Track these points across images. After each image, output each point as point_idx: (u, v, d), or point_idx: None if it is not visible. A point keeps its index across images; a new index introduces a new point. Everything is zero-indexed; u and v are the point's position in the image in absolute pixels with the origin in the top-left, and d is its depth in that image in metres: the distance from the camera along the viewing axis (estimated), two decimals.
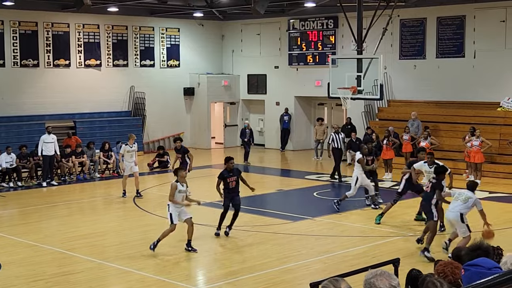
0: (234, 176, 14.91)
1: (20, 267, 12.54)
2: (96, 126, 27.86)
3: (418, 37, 26.40)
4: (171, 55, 31.22)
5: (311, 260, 12.91)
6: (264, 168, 25.97)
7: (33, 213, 17.77)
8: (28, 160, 22.41)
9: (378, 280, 3.86)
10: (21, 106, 26.46)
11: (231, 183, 14.84)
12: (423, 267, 7.25)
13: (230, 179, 14.84)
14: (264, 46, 31.36)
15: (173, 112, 31.13)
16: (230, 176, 14.86)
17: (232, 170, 14.95)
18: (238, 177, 14.99)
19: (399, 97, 27.09)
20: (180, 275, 12.04)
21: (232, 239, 14.71)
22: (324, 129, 28.11)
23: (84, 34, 28.29)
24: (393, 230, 15.27)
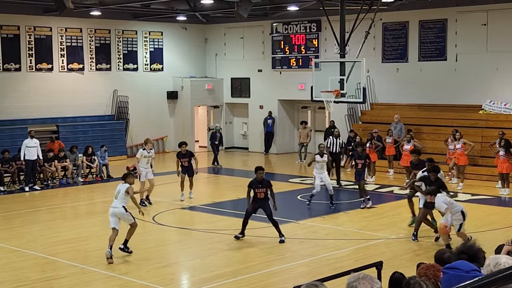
0: (263, 188, 14.55)
1: (2, 272, 12.46)
2: (79, 130, 27.73)
3: (400, 41, 26.54)
4: (154, 58, 31.17)
5: (294, 264, 12.93)
6: (248, 172, 25.93)
7: (16, 218, 17.66)
8: (10, 165, 22.27)
9: (360, 283, 3.88)
10: (3, 110, 26.29)
11: (259, 194, 14.57)
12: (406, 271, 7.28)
13: (258, 190, 14.55)
14: (248, 49, 31.39)
15: (157, 116, 31.08)
16: (259, 187, 14.55)
17: (262, 181, 14.59)
18: (268, 189, 14.58)
19: (382, 100, 27.21)
20: (164, 279, 12.01)
21: (215, 243, 14.69)
22: (308, 132, 28.17)
23: (66, 38, 28.18)
24: (376, 233, 15.32)
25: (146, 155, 18.74)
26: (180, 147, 19.41)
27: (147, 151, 18.77)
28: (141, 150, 19.09)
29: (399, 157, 23.00)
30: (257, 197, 14.56)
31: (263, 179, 14.62)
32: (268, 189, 14.58)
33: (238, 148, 32.59)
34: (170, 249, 14.69)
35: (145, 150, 18.81)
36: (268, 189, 14.57)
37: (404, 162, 21.86)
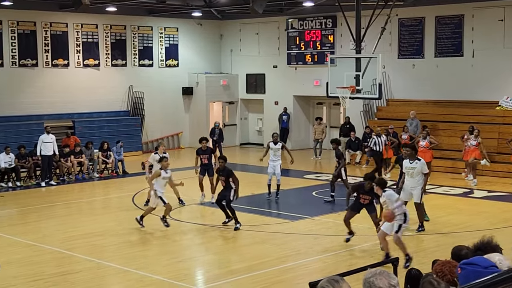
0: (222, 176, 15.50)
1: (19, 267, 12.54)
2: (94, 126, 27.85)
3: (416, 36, 26.42)
4: (170, 54, 31.21)
5: (310, 260, 12.91)
6: (263, 168, 25.92)
7: (32, 213, 17.77)
8: (27, 160, 22.40)
9: (377, 279, 3.86)
10: (19, 106, 26.45)
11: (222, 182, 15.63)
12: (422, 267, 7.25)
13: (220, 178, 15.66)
14: (263, 45, 31.36)
15: (172, 112, 31.13)
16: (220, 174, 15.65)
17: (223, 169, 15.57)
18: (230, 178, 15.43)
19: (397, 96, 27.10)
20: (178, 274, 12.04)
21: (230, 239, 14.72)
22: (323, 128, 28.12)
23: (82, 33, 28.28)
24: None
25: (157, 159, 16.79)
26: (201, 143, 18.39)
27: (159, 155, 17.16)
28: (153, 154, 17.97)
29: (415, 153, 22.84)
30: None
31: (224, 168, 15.51)
32: (230, 178, 15.40)
33: (253, 144, 32.58)
34: (185, 244, 14.72)
35: (157, 154, 17.49)
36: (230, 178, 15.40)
37: None
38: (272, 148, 19.08)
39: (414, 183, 14.75)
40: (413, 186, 14.77)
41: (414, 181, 14.75)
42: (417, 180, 14.74)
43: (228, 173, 15.39)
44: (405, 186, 14.90)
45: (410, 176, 14.82)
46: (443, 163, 23.32)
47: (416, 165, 14.77)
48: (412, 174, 14.78)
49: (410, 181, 14.79)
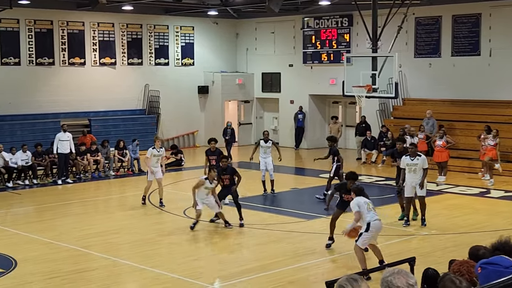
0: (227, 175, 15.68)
1: (36, 264, 12.61)
2: (110, 124, 27.96)
3: (433, 35, 26.30)
4: (186, 53, 31.26)
5: (325, 259, 12.89)
6: (278, 167, 25.91)
7: (49, 211, 17.86)
8: (43, 158, 22.52)
9: (395, 278, 3.85)
10: (36, 104, 26.60)
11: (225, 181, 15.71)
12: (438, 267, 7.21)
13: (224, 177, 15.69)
14: (279, 44, 31.34)
15: (187, 111, 31.18)
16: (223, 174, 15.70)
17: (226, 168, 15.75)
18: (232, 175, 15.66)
19: (414, 96, 27.00)
20: (194, 273, 12.05)
21: (244, 238, 14.72)
22: (339, 127, 28.06)
23: (99, 32, 28.40)
24: (408, 229, 15.20)
25: (156, 153, 17.96)
26: (209, 143, 18.50)
27: (156, 150, 17.98)
28: (150, 149, 18.18)
29: (431, 153, 22.78)
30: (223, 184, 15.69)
31: (228, 167, 15.82)
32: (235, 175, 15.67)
33: None
34: (200, 243, 14.74)
35: (154, 149, 18.00)
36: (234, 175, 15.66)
37: (436, 158, 21.69)
38: (263, 146, 19.66)
39: (417, 178, 15.10)
40: (417, 182, 15.14)
41: (417, 177, 15.10)
42: (419, 175, 15.11)
43: (232, 170, 15.82)
44: (408, 182, 15.18)
45: (413, 172, 15.13)
46: (459, 163, 23.20)
47: (417, 161, 15.13)
48: (414, 170, 15.13)
49: (413, 177, 15.13)
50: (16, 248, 13.68)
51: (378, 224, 11.66)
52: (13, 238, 14.72)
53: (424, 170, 15.12)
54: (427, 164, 15.37)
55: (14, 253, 13.21)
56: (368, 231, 11.51)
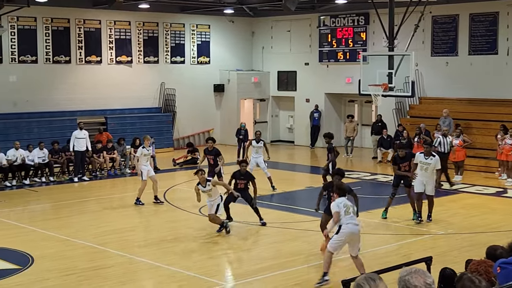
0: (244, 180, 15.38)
1: (52, 261, 12.67)
2: (127, 122, 28.04)
3: (450, 34, 26.16)
4: (202, 51, 31.30)
5: (341, 258, 12.82)
6: (293, 165, 25.94)
7: (65, 208, 17.95)
8: (60, 156, 22.63)
9: (413, 277, 3.83)
10: (53, 102, 26.73)
11: (240, 185, 15.38)
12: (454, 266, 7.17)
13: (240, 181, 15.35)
14: (294, 42, 31.30)
15: (203, 109, 31.22)
16: (241, 179, 15.37)
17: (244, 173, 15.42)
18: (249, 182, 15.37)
19: (430, 94, 26.87)
20: (209, 270, 12.07)
21: (261, 236, 14.72)
22: (354, 126, 27.99)
23: (115, 30, 28.49)
24: (424, 228, 15.14)
25: (146, 153, 18.07)
26: (207, 142, 18.57)
27: (146, 149, 18.09)
28: (140, 148, 18.29)
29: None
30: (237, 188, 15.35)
31: (246, 172, 15.50)
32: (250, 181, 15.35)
33: (284, 141, 32.55)
34: (216, 240, 14.74)
35: (144, 148, 18.10)
36: (250, 181, 15.35)
37: (453, 157, 21.56)
38: (255, 146, 20.30)
39: (427, 177, 15.41)
40: (427, 180, 15.41)
41: (427, 175, 15.40)
42: (430, 174, 15.40)
43: (250, 177, 15.50)
44: (418, 179, 15.46)
45: (424, 170, 15.38)
46: (476, 162, 23.07)
47: (431, 161, 15.36)
48: (426, 169, 15.38)
49: (424, 175, 15.42)
50: (33, 245, 13.77)
51: (352, 228, 10.86)
52: (30, 235, 14.82)
53: (437, 171, 15.39)
54: (440, 165, 15.59)
55: (31, 250, 13.29)
56: (338, 234, 10.87)
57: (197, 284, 11.34)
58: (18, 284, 11.32)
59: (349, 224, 10.90)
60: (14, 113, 25.79)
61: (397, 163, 16.11)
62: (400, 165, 16.07)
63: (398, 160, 16.15)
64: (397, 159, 16.19)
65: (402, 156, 16.07)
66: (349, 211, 11.09)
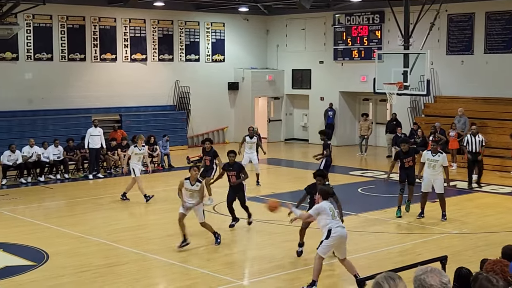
0: (234, 171, 14.99)
1: (67, 257, 12.73)
2: (141, 120, 28.12)
3: (466, 32, 26.01)
4: (216, 49, 31.32)
5: (355, 256, 12.79)
6: (307, 164, 25.88)
7: (79, 205, 18.03)
8: (75, 153, 22.73)
9: (429, 276, 3.81)
10: (68, 99, 26.86)
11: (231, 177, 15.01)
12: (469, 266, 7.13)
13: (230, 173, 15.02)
14: (309, 41, 31.25)
15: (217, 107, 31.24)
16: (230, 170, 15.06)
17: (233, 164, 15.08)
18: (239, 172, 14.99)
19: (445, 93, 26.74)
20: (223, 268, 12.08)
21: (274, 234, 14.70)
22: (369, 124, 27.92)
23: (130, 28, 28.57)
24: (438, 227, 15.07)
25: (137, 152, 18.12)
26: (204, 143, 18.31)
27: (138, 148, 18.16)
28: (132, 147, 18.45)
29: (462, 151, 22.56)
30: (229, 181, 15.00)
31: (235, 162, 15.11)
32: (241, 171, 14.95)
33: (298, 139, 32.52)
34: (230, 239, 14.75)
35: (136, 147, 18.17)
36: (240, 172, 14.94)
37: None
38: (248, 142, 20.53)
39: (435, 174, 15.42)
40: (435, 177, 15.44)
41: (435, 173, 15.42)
42: (438, 171, 15.40)
43: (239, 167, 15.17)
44: (426, 177, 15.54)
45: (432, 168, 15.43)
46: (491, 161, 22.93)
47: (438, 158, 15.38)
48: (434, 166, 15.42)
49: (432, 172, 15.45)
50: (48, 242, 13.83)
51: (341, 231, 10.63)
52: (45, 232, 14.89)
53: (445, 168, 15.42)
54: (447, 162, 15.64)
55: (46, 247, 13.36)
56: (329, 238, 10.57)
57: (210, 281, 11.35)
58: (33, 281, 11.38)
59: (338, 227, 10.65)
60: (30, 111, 25.94)
61: (400, 158, 16.10)
62: (404, 160, 16.05)
63: (401, 155, 16.13)
64: (400, 154, 16.19)
65: (405, 151, 16.09)
66: (335, 215, 10.79)
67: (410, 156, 16.05)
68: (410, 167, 16.03)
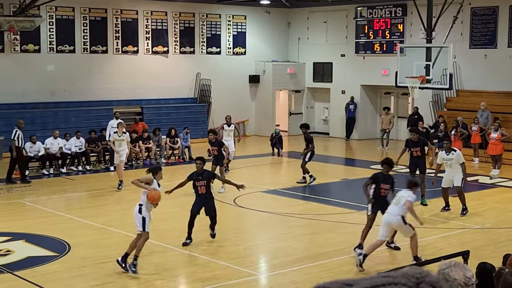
0: (203, 181, 13.12)
1: (88, 248, 12.81)
2: (162, 112, 28.18)
3: (489, 26, 25.76)
4: (237, 42, 31.30)
5: (376, 250, 12.75)
6: (328, 157, 25.83)
7: (101, 197, 18.13)
8: (96, 145, 22.84)
9: (452, 271, 3.78)
10: (90, 91, 26.98)
11: (200, 188, 13.14)
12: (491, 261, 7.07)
13: (199, 183, 13.16)
14: (331, 34, 31.12)
15: (238, 99, 31.23)
16: (199, 179, 13.19)
17: (202, 173, 13.18)
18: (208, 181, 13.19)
19: (468, 87, 26.52)
20: (244, 261, 12.08)
21: (295, 227, 14.68)
22: (390, 118, 27.77)
23: (152, 21, 28.61)
24: (460, 222, 14.97)
25: (117, 138, 18.83)
26: (208, 135, 18.43)
27: (117, 135, 18.89)
28: (113, 133, 19.37)
29: (485, 145, 22.38)
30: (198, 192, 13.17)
31: (204, 171, 13.21)
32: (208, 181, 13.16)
33: (319, 133, 32.42)
34: (250, 231, 14.77)
35: (116, 134, 18.97)
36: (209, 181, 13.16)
37: (491, 151, 21.31)
38: (226, 130, 21.48)
39: (453, 172, 15.31)
40: (454, 175, 15.37)
41: (453, 171, 15.31)
42: (456, 169, 15.27)
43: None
44: (446, 175, 15.53)
45: (449, 167, 15.36)
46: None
47: (452, 156, 15.31)
48: (450, 165, 15.35)
49: (449, 171, 15.40)
50: (70, 233, 13.93)
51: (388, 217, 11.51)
52: (67, 223, 14.99)
53: (462, 165, 15.26)
54: (463, 159, 15.50)
55: (68, 238, 13.46)
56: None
57: (231, 274, 11.36)
58: (55, 271, 11.47)
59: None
60: (52, 102, 26.10)
61: (408, 147, 16.25)
62: (412, 149, 16.30)
63: (410, 144, 16.33)
64: (409, 143, 16.42)
65: (414, 141, 16.21)
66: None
67: (418, 146, 16.30)
68: (418, 157, 16.34)
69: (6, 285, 10.82)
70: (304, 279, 11.10)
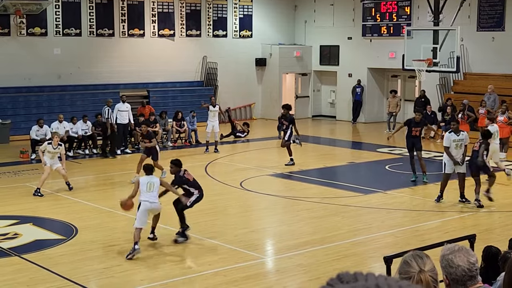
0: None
1: (95, 232, 12.87)
2: (169, 95, 28.18)
3: (497, 9, 25.59)
4: (244, 25, 31.20)
5: (382, 234, 12.81)
6: (335, 140, 25.82)
7: (108, 180, 18.19)
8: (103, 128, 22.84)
9: (456, 256, 3.77)
10: (96, 75, 26.98)
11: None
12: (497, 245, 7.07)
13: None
14: (338, 16, 30.98)
15: (245, 83, 31.18)
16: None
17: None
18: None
19: (475, 70, 26.40)
20: (251, 244, 12.13)
21: (302, 211, 14.71)
22: (397, 101, 27.70)
23: (158, 4, 28.54)
24: (466, 205, 14.96)
25: (49, 149, 16.19)
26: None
27: (52, 147, 16.21)
28: (46, 143, 16.56)
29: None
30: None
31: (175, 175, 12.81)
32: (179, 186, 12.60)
33: (326, 116, 32.39)
34: (257, 215, 14.81)
35: (50, 145, 16.26)
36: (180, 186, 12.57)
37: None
38: (211, 110, 22.12)
39: (461, 153, 15.07)
40: (460, 156, 15.06)
41: (461, 152, 15.08)
42: (462, 151, 15.14)
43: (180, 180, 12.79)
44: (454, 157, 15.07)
45: (459, 147, 15.10)
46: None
47: (463, 136, 15.22)
48: (461, 145, 15.15)
49: (459, 152, 15.09)
50: (77, 216, 14.00)
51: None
52: (74, 206, 15.05)
53: (465, 147, 15.27)
54: (468, 139, 15.58)
55: (75, 221, 13.53)
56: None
57: (238, 257, 11.41)
58: (63, 254, 11.54)
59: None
60: (58, 86, 26.13)
61: (409, 125, 16.56)
62: (412, 128, 16.72)
63: (412, 123, 16.74)
64: (412, 122, 16.87)
65: (417, 121, 16.67)
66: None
67: (419, 126, 16.85)
68: (416, 136, 16.84)
69: (13, 268, 10.89)
70: (310, 262, 11.14)
